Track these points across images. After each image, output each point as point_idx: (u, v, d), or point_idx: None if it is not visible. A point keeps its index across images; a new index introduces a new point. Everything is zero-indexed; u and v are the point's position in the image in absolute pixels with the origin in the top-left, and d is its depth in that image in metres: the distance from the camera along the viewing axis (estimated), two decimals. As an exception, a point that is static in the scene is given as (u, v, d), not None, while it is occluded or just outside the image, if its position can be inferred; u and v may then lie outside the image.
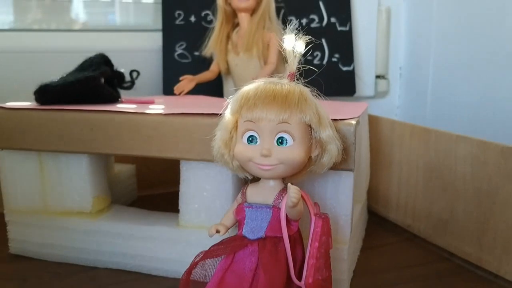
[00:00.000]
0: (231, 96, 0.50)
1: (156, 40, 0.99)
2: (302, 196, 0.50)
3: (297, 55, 0.50)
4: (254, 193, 0.50)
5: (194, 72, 0.87)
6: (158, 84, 0.98)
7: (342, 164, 0.53)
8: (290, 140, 0.47)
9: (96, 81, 0.66)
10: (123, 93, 0.75)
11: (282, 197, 0.49)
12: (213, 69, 0.88)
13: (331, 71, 1.01)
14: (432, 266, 0.66)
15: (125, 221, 0.63)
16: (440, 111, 1.04)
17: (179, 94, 0.83)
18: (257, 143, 0.48)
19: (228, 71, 0.88)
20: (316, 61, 1.01)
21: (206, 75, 0.87)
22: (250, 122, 0.47)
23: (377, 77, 1.14)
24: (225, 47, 0.86)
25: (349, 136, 0.53)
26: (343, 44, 1.03)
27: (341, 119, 0.54)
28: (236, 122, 0.49)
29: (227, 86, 0.90)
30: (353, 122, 0.53)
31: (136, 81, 0.78)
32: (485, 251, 0.63)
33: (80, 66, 0.70)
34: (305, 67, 0.49)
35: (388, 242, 0.73)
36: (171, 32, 0.98)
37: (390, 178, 0.78)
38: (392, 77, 1.17)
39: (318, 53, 1.01)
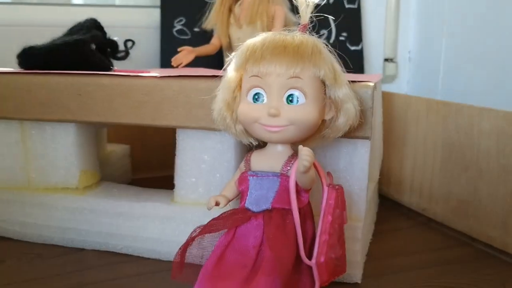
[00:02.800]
0: (234, 53, 0.44)
1: (154, 16, 0.94)
2: (314, 163, 0.44)
3: (310, 4, 0.44)
4: (260, 160, 0.44)
5: (194, 48, 0.81)
6: (155, 62, 0.93)
7: (358, 130, 0.47)
8: (301, 98, 0.41)
9: (86, 45, 0.60)
10: (118, 66, 0.69)
11: (292, 163, 0.43)
12: (214, 43, 0.82)
13: (339, 51, 0.95)
14: (452, 251, 0.60)
15: (114, 198, 0.57)
16: (452, 98, 0.98)
17: (177, 67, 0.77)
18: (264, 102, 0.42)
19: (230, 45, 0.82)
20: (322, 40, 0.95)
21: (207, 48, 0.81)
22: (256, 78, 0.42)
23: (385, 60, 1.08)
24: (227, 19, 0.81)
25: (366, 99, 0.47)
26: (351, 23, 0.97)
27: (358, 81, 0.48)
28: (241, 79, 0.44)
29: (229, 61, 0.84)
30: (371, 84, 0.48)
31: (133, 59, 0.73)
32: (511, 235, 0.57)
33: (69, 30, 0.64)
34: (320, 16, 0.44)
35: (401, 227, 0.68)
36: (169, 7, 0.92)
37: (403, 158, 0.72)
38: (401, 60, 1.11)
39: (325, 32, 0.96)
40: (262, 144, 0.46)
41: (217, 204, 0.45)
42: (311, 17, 0.44)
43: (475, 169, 0.61)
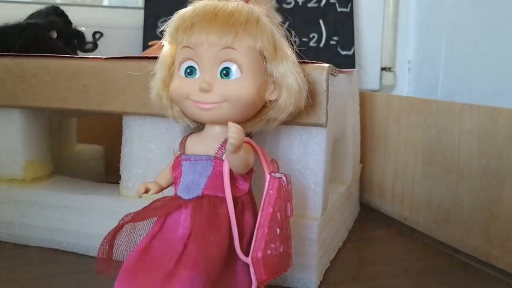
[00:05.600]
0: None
1: (137, 16, 0.91)
2: (255, 151, 0.39)
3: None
4: (195, 143, 0.40)
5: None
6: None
7: (310, 116, 0.43)
8: (236, 72, 0.37)
9: (40, 28, 0.57)
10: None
11: (227, 146, 0.38)
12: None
13: (329, 55, 0.91)
14: (429, 262, 0.54)
15: (60, 191, 0.53)
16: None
17: (148, 62, 0.73)
18: (197, 76, 0.38)
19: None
20: (312, 43, 0.91)
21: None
22: (187, 49, 0.38)
23: (383, 69, 1.03)
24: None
25: (320, 82, 0.43)
26: (343, 27, 0.93)
27: (311, 62, 0.43)
28: (175, 53, 0.40)
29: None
30: (325, 65, 0.43)
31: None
32: (494, 244, 0.51)
33: (28, 17, 0.61)
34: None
35: (379, 236, 0.62)
36: (153, 7, 0.90)
37: (385, 163, 0.67)
38: (400, 70, 1.06)
39: (315, 35, 0.92)
40: (201, 127, 0.41)
41: (146, 191, 0.40)
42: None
43: (455, 172, 0.55)
